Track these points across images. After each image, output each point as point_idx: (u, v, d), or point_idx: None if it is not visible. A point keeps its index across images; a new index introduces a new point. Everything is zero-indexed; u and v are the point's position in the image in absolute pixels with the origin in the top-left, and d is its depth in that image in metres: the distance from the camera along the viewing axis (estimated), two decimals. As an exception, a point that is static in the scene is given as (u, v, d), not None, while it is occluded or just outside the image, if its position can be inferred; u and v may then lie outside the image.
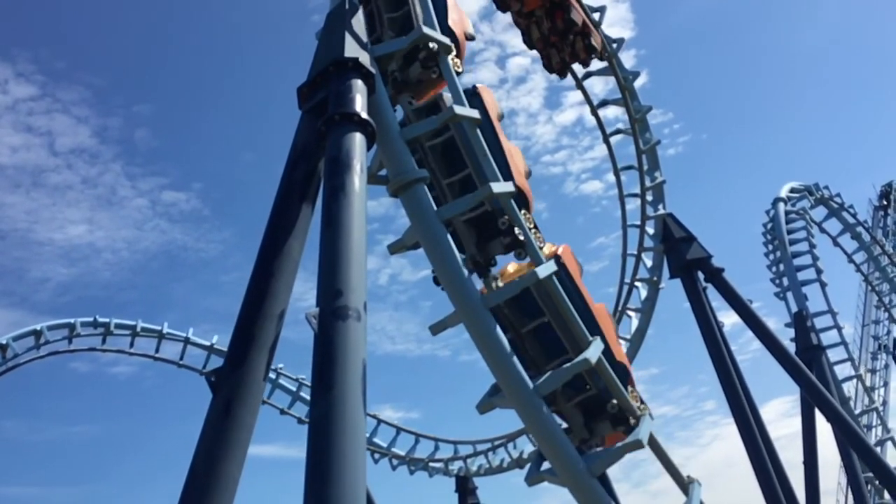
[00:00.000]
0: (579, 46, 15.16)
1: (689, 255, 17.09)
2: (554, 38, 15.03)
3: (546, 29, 14.88)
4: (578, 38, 15.06)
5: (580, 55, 15.39)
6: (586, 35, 15.09)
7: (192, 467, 5.48)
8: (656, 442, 7.95)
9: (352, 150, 6.49)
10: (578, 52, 15.32)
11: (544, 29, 14.89)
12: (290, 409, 26.74)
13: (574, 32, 14.87)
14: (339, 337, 5.16)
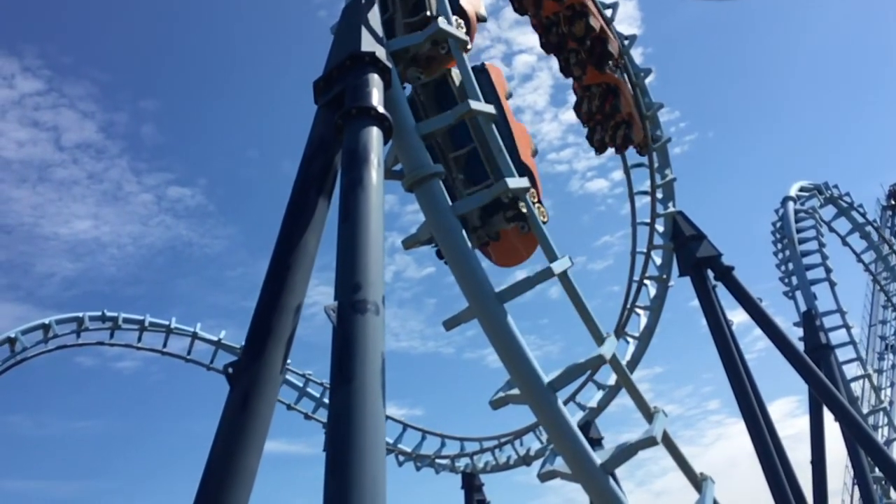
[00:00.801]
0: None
1: (699, 254, 17.04)
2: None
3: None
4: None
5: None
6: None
7: (210, 459, 5.49)
8: (670, 439, 7.94)
9: (369, 143, 6.49)
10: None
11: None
12: (296, 405, 26.81)
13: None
14: (358, 330, 5.16)
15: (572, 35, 14.97)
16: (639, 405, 8.16)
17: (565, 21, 14.83)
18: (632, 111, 16.27)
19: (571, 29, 14.84)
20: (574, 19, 14.78)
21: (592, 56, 15.36)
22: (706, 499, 7.57)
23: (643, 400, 8.09)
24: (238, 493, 5.33)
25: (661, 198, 17.76)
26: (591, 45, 15.14)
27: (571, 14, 14.79)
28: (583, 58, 15.40)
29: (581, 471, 7.24)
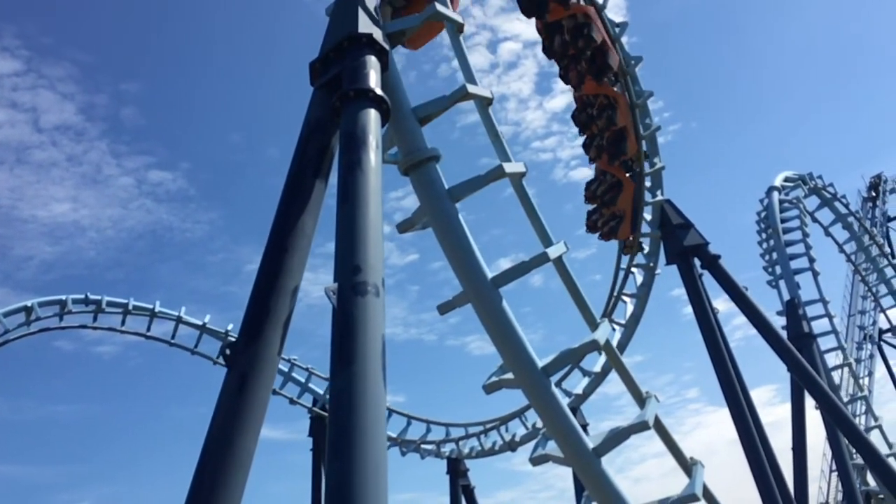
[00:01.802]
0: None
1: (686, 242, 17.18)
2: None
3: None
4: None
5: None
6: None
7: (208, 441, 5.48)
8: (661, 424, 8.02)
9: (367, 126, 6.46)
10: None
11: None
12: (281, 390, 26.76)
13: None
14: (358, 312, 5.15)
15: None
16: (631, 390, 8.23)
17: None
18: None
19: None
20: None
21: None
22: (696, 483, 7.66)
23: (636, 385, 8.16)
24: (236, 474, 5.34)
25: (650, 186, 17.83)
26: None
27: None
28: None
29: (573, 455, 7.29)
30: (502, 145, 8.01)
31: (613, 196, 17.29)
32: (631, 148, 16.78)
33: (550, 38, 15.51)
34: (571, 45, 15.20)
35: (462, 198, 7.63)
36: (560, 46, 15.38)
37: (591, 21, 15.11)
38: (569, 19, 14.98)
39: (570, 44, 15.21)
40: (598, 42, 15.20)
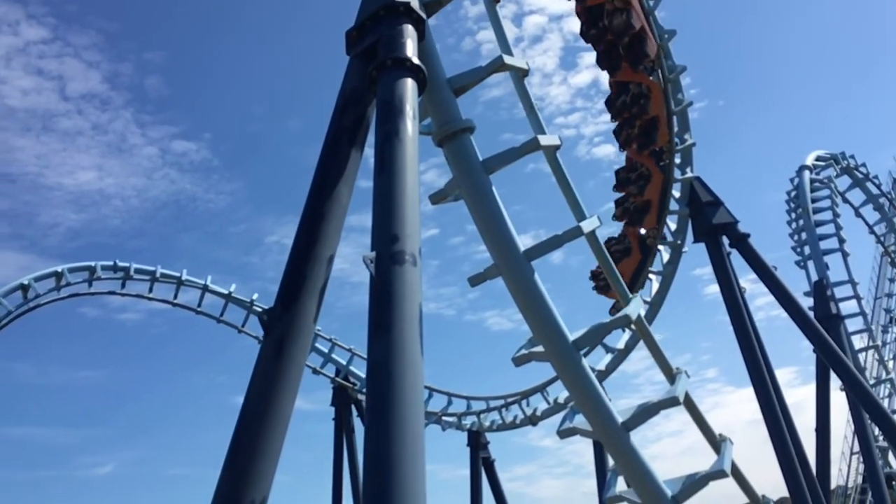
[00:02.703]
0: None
1: (715, 220, 17.01)
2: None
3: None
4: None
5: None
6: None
7: (246, 404, 5.58)
8: (691, 400, 8.01)
9: (404, 95, 6.42)
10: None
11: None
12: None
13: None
14: (396, 281, 5.18)
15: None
16: (661, 366, 8.21)
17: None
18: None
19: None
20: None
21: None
22: (724, 459, 7.66)
23: (666, 361, 8.14)
24: (273, 438, 5.43)
25: (679, 163, 17.63)
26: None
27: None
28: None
29: (602, 428, 7.32)
30: (537, 118, 7.95)
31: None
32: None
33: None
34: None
35: (496, 170, 7.60)
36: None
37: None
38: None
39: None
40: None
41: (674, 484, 7.53)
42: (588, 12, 15.29)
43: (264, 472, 5.29)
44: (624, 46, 15.38)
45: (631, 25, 14.99)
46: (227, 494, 5.17)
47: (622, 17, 14.92)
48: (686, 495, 7.42)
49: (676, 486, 7.51)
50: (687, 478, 7.58)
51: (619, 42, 15.35)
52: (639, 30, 15.18)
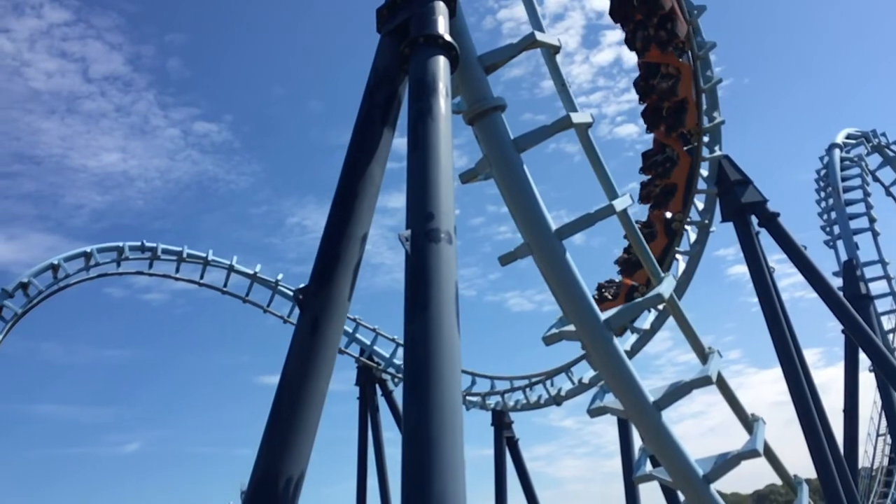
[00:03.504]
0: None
1: (744, 199, 16.83)
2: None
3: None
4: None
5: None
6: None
7: (283, 381, 5.64)
8: (723, 380, 7.97)
9: (437, 72, 6.39)
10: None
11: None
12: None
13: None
14: (432, 258, 5.19)
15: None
16: (693, 346, 8.17)
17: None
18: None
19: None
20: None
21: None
22: (757, 438, 7.62)
23: (698, 341, 8.09)
24: (310, 414, 5.50)
25: (707, 141, 17.40)
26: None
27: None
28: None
29: (634, 407, 7.31)
30: (569, 95, 7.88)
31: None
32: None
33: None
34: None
35: (527, 148, 7.54)
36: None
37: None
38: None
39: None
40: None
41: (705, 463, 7.52)
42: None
43: (302, 448, 5.36)
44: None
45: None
46: (265, 470, 5.25)
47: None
48: (718, 474, 7.41)
49: (708, 465, 7.49)
50: (718, 457, 7.56)
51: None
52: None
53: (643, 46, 15.63)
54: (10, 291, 25.20)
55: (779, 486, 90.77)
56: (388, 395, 27.82)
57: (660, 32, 15.21)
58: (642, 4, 14.76)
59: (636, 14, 15.05)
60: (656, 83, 16.09)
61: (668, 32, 15.18)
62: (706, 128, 17.04)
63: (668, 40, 15.35)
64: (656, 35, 15.27)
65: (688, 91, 16.11)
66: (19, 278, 25.53)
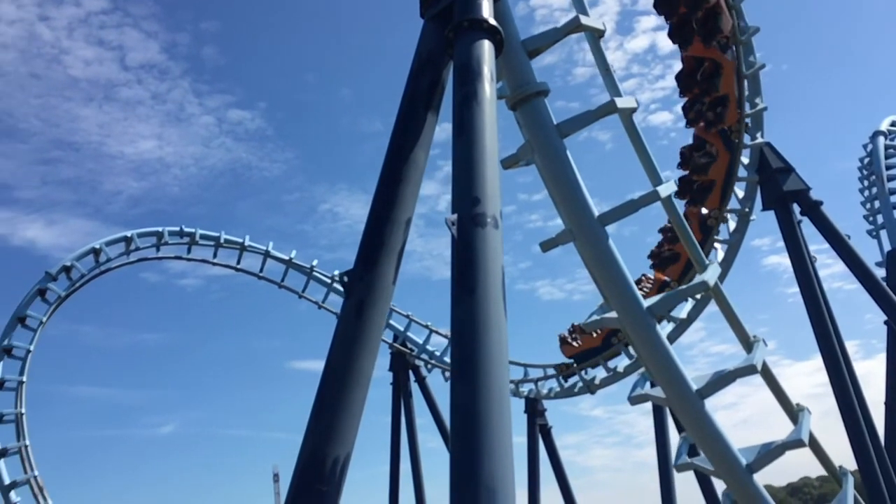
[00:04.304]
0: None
1: (786, 187, 16.52)
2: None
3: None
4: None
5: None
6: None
7: (328, 363, 5.71)
8: (768, 369, 7.87)
9: (482, 57, 6.35)
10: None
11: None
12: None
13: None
14: (478, 242, 5.18)
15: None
16: (738, 334, 8.07)
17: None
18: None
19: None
20: None
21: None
22: (802, 428, 7.52)
23: (743, 328, 8.00)
24: (355, 395, 5.56)
25: (749, 127, 17.08)
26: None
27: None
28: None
29: (676, 396, 7.25)
30: (613, 80, 7.79)
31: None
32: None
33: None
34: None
35: (570, 133, 7.49)
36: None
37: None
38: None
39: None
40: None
41: (749, 452, 7.44)
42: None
43: (348, 429, 5.43)
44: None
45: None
46: (312, 450, 5.32)
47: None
48: (761, 464, 7.34)
49: (751, 454, 7.42)
50: (762, 446, 7.48)
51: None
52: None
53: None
54: (53, 274, 25.83)
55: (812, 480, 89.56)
56: (421, 381, 27.95)
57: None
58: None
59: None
60: (696, 157, 15.92)
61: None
62: (748, 114, 16.72)
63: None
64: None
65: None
66: (62, 262, 26.15)
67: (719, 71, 15.67)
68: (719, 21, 14.82)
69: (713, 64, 15.62)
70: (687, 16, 14.83)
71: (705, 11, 14.67)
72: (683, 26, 15.02)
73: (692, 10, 14.67)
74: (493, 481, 4.07)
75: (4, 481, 24.17)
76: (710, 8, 14.62)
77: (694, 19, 14.77)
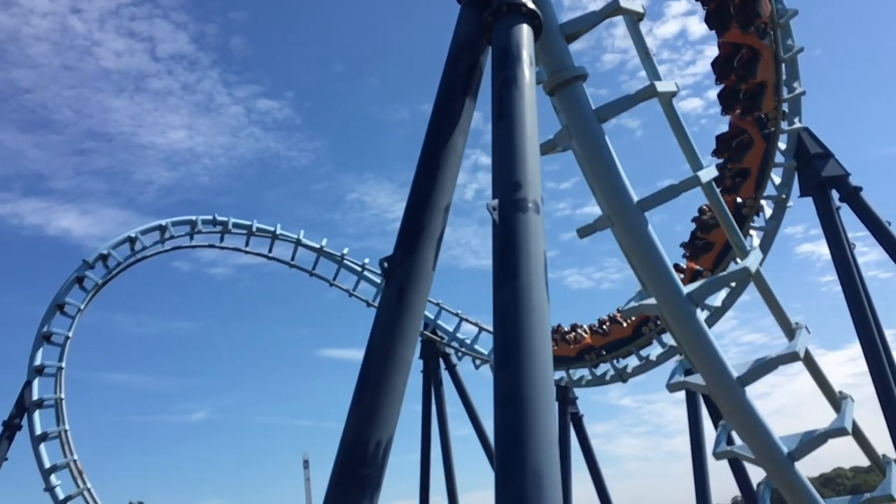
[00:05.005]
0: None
1: (824, 173, 16.21)
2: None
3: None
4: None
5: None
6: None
7: (369, 348, 5.73)
8: (810, 356, 7.75)
9: (521, 41, 6.30)
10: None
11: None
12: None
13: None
14: (520, 227, 5.16)
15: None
16: (779, 320, 7.96)
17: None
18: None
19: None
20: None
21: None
22: (845, 416, 7.41)
23: (784, 315, 7.88)
24: (396, 379, 5.57)
25: (787, 112, 16.78)
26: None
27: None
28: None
29: (717, 383, 7.17)
30: (652, 63, 7.68)
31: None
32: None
33: None
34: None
35: (609, 118, 7.42)
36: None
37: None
38: None
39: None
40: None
41: (790, 441, 7.35)
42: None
43: (389, 413, 5.45)
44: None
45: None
46: (355, 434, 5.35)
47: None
48: (803, 452, 7.24)
49: (793, 442, 7.33)
50: (804, 434, 7.38)
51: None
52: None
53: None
54: (90, 262, 26.34)
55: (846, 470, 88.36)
56: (451, 369, 28.04)
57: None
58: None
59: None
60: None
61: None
62: (785, 98, 16.42)
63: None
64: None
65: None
66: (99, 250, 26.66)
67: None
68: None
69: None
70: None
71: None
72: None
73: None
74: (540, 466, 4.06)
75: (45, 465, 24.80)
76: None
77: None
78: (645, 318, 20.44)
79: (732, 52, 15.45)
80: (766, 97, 15.83)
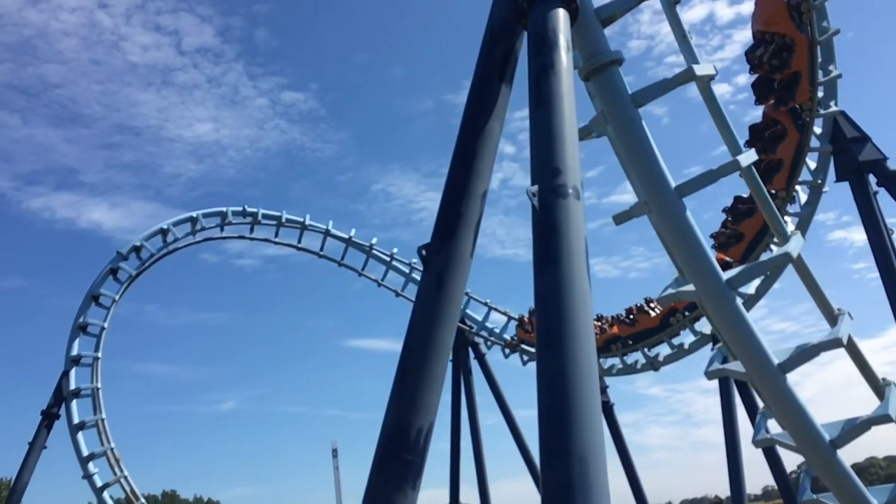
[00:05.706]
0: None
1: (861, 157, 15.88)
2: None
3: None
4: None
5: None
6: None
7: (409, 334, 5.76)
8: (853, 343, 7.62)
9: (557, 26, 6.24)
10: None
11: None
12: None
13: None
14: (561, 213, 5.12)
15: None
16: (821, 306, 7.84)
17: None
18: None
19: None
20: None
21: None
22: (890, 403, 7.28)
23: (827, 302, 7.76)
24: (436, 366, 5.60)
25: (822, 96, 16.46)
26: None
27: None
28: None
29: (757, 370, 7.09)
30: (690, 47, 7.59)
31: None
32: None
33: None
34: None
35: (645, 103, 7.34)
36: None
37: None
38: None
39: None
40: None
41: (832, 428, 7.25)
42: None
43: (430, 399, 5.48)
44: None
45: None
46: (396, 421, 5.38)
47: None
48: (845, 440, 7.15)
49: (835, 430, 7.23)
50: (847, 422, 7.28)
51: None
52: None
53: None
54: (124, 254, 26.75)
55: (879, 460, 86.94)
56: (480, 358, 28.04)
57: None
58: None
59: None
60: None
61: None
62: (821, 81, 16.11)
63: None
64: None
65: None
66: (132, 242, 27.05)
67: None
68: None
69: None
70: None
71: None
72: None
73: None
74: (586, 451, 4.05)
75: (83, 453, 25.32)
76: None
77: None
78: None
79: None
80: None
